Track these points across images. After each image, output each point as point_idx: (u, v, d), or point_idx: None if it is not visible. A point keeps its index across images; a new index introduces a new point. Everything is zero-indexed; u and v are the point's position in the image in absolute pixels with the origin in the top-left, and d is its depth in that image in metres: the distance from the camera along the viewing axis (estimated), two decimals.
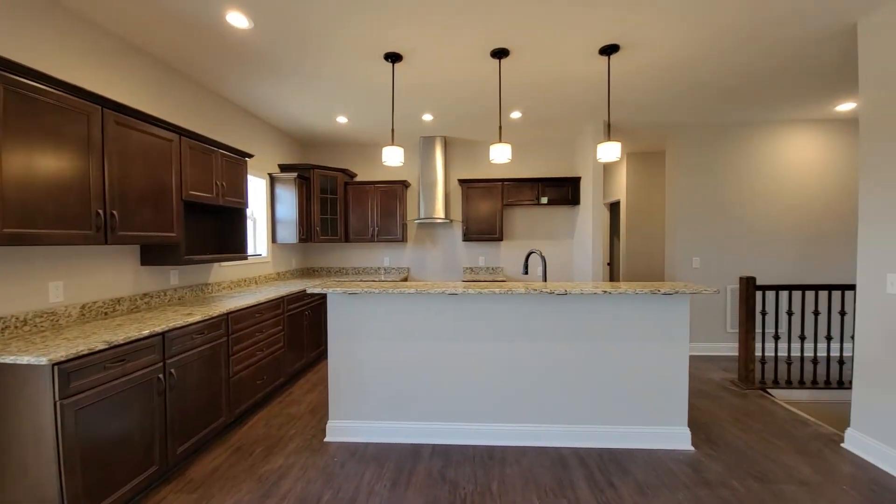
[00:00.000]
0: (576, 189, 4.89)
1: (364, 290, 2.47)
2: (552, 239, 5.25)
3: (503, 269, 5.29)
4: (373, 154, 5.37)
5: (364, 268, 5.39)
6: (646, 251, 5.95)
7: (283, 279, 4.67)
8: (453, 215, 5.33)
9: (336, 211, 4.97)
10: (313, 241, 4.73)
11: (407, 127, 4.61)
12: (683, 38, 2.65)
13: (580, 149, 4.89)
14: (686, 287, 2.42)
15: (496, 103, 3.86)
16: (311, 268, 5.42)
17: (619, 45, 2.74)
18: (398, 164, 2.93)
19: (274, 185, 4.51)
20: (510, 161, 5.29)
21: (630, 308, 2.52)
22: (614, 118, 4.31)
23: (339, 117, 4.26)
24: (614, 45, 2.72)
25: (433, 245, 5.35)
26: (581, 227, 4.86)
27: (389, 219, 5.03)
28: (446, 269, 5.33)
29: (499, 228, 4.95)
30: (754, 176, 4.53)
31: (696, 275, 4.57)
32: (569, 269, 5.23)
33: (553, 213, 5.24)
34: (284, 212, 4.50)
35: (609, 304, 2.53)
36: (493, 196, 4.95)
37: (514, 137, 5.09)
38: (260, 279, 4.24)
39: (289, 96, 3.66)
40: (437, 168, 5.00)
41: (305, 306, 3.94)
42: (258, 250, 4.41)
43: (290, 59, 2.93)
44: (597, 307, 2.53)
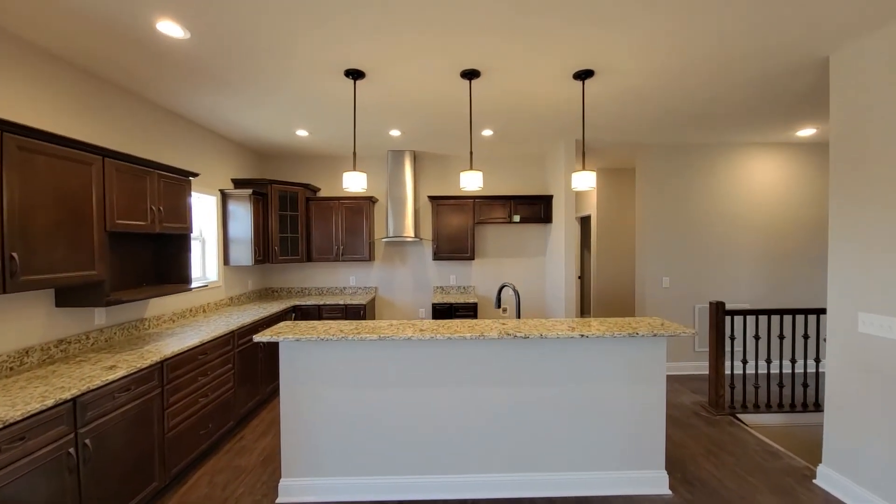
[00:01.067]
0: (548, 207, 4.80)
1: (320, 338, 2.21)
2: (525, 256, 5.14)
3: (475, 287, 5.13)
4: (338, 167, 5.07)
5: (328, 288, 5.08)
6: (616, 264, 5.96)
7: (238, 304, 4.30)
8: (423, 233, 5.12)
9: (297, 229, 4.65)
10: (272, 261, 4.39)
11: (373, 140, 4.36)
12: (656, 67, 2.57)
13: (552, 166, 4.81)
14: (664, 328, 2.32)
15: (467, 122, 3.69)
16: (271, 288, 5.05)
17: (594, 71, 2.62)
18: (360, 190, 2.69)
19: (226, 202, 4.13)
20: (483, 178, 5.15)
21: (605, 349, 2.40)
22: (586, 137, 4.24)
23: (300, 131, 3.95)
24: (589, 71, 2.61)
25: (402, 263, 5.11)
26: (554, 246, 4.77)
27: (355, 236, 4.75)
28: (416, 287, 5.11)
29: (470, 247, 4.78)
30: (721, 196, 4.59)
31: (666, 294, 4.58)
32: (541, 286, 5.14)
33: (525, 231, 5.13)
34: (238, 231, 4.14)
35: (584, 345, 2.39)
36: (465, 213, 4.78)
37: (486, 153, 4.94)
38: (210, 307, 3.86)
39: (243, 109, 3.33)
40: (407, 183, 4.77)
41: None
42: (208, 274, 4.02)
43: (239, 73, 2.63)
44: (571, 348, 2.39)
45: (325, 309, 4.46)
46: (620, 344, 2.39)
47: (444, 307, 4.48)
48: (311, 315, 4.46)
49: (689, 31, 2.14)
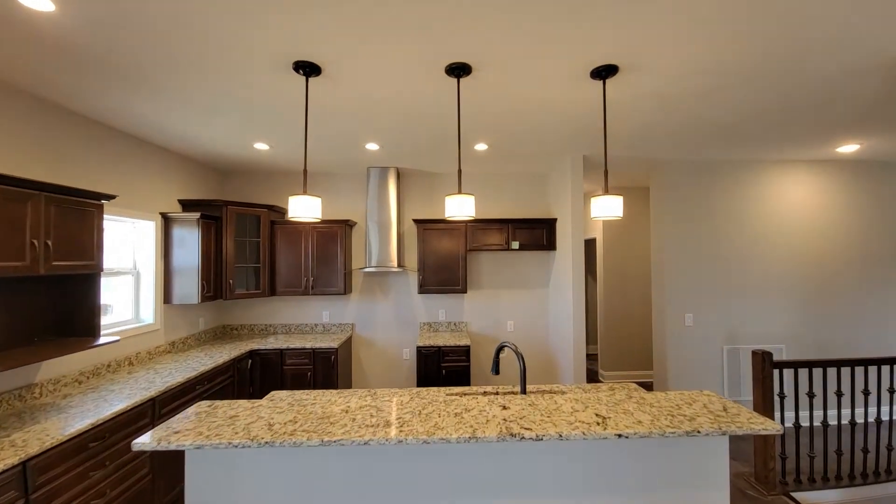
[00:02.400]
0: (551, 232, 4.18)
1: (232, 443, 1.50)
2: (525, 288, 4.48)
3: (468, 324, 4.45)
4: (311, 186, 4.43)
5: (297, 325, 4.37)
6: (624, 293, 5.33)
7: (181, 351, 3.57)
8: (408, 261, 4.46)
9: (259, 258, 3.96)
10: (224, 297, 3.68)
11: (349, 155, 3.74)
12: (690, 64, 1.99)
13: (556, 186, 4.21)
14: (733, 420, 1.65)
15: (456, 133, 3.08)
16: (229, 327, 4.33)
17: (618, 67, 2.03)
18: (313, 219, 2.04)
19: (170, 227, 3.45)
20: (475, 200, 4.53)
21: (647, 449, 1.72)
22: (593, 152, 3.65)
23: (258, 143, 3.32)
24: (612, 67, 2.01)
25: (384, 297, 4.43)
26: (558, 277, 4.13)
27: (328, 266, 4.07)
28: (400, 324, 4.42)
29: (462, 278, 4.12)
30: (751, 220, 4.00)
31: (690, 334, 3.94)
32: (543, 322, 4.47)
33: (525, 259, 4.50)
34: (184, 262, 3.45)
35: (619, 446, 1.72)
36: (456, 239, 4.13)
37: (479, 171, 4.34)
38: (140, 358, 3.13)
39: (174, 115, 2.69)
40: (390, 205, 4.13)
41: (200, 395, 2.88)
42: (143, 315, 3.31)
43: (148, 64, 2.00)
44: (599, 451, 1.71)
45: (288, 354, 3.74)
46: (670, 445, 1.72)
47: (430, 351, 3.78)
48: (272, 363, 3.73)
49: (749, 12, 1.55)
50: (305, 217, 1.97)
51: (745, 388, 3.93)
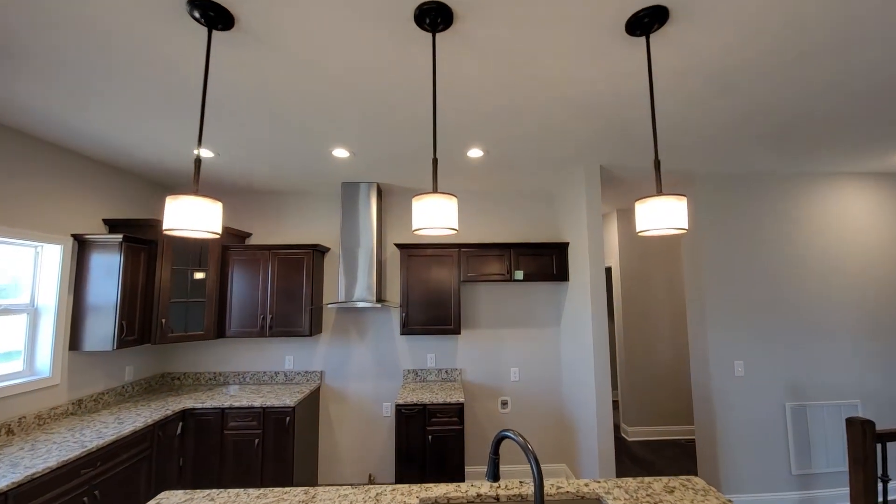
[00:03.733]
0: (562, 259, 3.46)
1: None
2: (531, 327, 3.71)
3: (461, 372, 3.64)
4: (277, 205, 3.77)
5: (254, 373, 3.57)
6: (647, 332, 4.53)
7: (92, 412, 2.77)
8: (390, 295, 3.72)
9: (203, 291, 3.23)
10: (154, 341, 2.92)
11: (316, 166, 3.09)
12: (766, 13, 1.34)
13: (567, 205, 3.53)
14: None
15: (442, 132, 2.43)
16: (170, 375, 3.53)
17: (668, 12, 1.38)
18: (207, 234, 1.33)
19: (86, 253, 2.75)
20: (470, 221, 3.87)
21: None
22: (612, 161, 3.00)
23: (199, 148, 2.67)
24: (660, 10, 1.37)
25: (360, 338, 3.65)
26: (573, 313, 3.37)
27: (292, 302, 3.33)
28: (380, 372, 3.61)
29: (454, 316, 3.36)
30: (811, 248, 3.28)
31: (741, 386, 3.12)
32: (555, 370, 3.66)
33: (532, 292, 3.75)
34: (103, 296, 2.72)
35: None
36: (447, 268, 3.41)
37: (476, 188, 3.68)
38: (26, 424, 2.34)
39: (57, 101, 2.06)
40: (368, 227, 3.45)
41: (89, 482, 2.07)
42: (39, 366, 2.55)
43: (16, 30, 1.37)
44: None
45: (231, 415, 2.93)
46: None
47: (413, 411, 2.97)
48: (210, 428, 2.92)
49: None
50: (191, 231, 1.27)
51: (817, 457, 3.06)
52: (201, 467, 2.88)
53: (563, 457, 3.57)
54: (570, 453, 3.44)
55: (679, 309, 4.59)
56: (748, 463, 3.06)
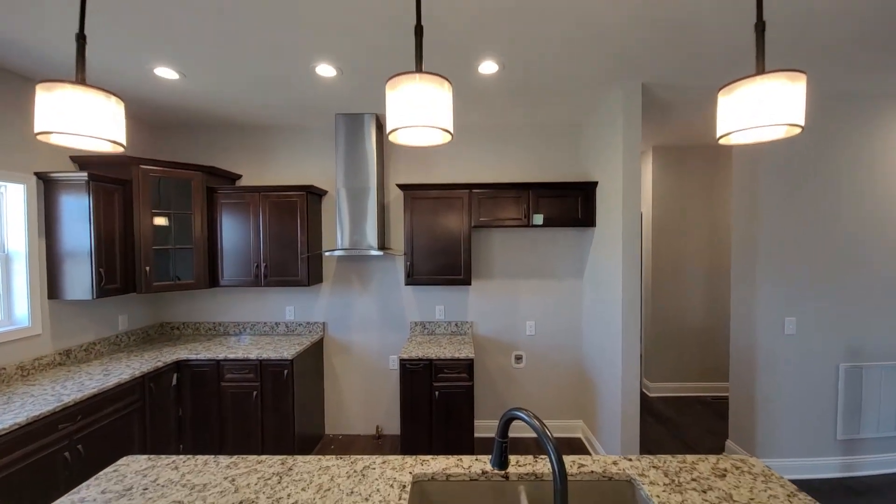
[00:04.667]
0: (588, 201, 3.01)
1: None
2: (550, 278, 3.35)
3: (472, 325, 3.37)
4: (267, 143, 3.38)
5: (253, 324, 3.40)
6: (680, 285, 4.13)
7: (82, 362, 2.64)
8: (394, 242, 3.39)
9: (190, 236, 2.97)
10: (140, 290, 2.72)
11: (304, 92, 2.65)
12: None
13: (597, 138, 3.01)
14: None
15: (448, 39, 1.93)
16: (169, 325, 3.39)
17: None
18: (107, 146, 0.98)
19: (54, 194, 2.48)
20: (483, 159, 3.40)
21: None
22: (654, 77, 2.45)
23: (161, 68, 2.27)
24: None
25: (363, 288, 3.39)
26: (599, 264, 2.98)
27: (286, 250, 3.05)
28: (385, 324, 3.39)
29: (464, 265, 3.03)
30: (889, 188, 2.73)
31: (791, 346, 2.75)
32: (575, 325, 3.35)
33: (552, 239, 3.35)
34: (75, 242, 2.49)
35: None
36: (456, 212, 3.03)
37: (490, 121, 3.17)
38: (6, 375, 2.20)
39: None
40: (367, 166, 3.05)
41: (70, 437, 1.93)
42: (17, 315, 2.38)
43: None
44: None
45: (227, 367, 2.78)
46: None
47: (418, 367, 2.74)
48: (207, 379, 2.78)
49: None
50: (77, 136, 0.91)
51: (867, 422, 2.74)
52: (201, 420, 2.78)
53: (581, 413, 3.36)
54: (588, 411, 3.22)
55: (718, 262, 4.13)
56: (789, 426, 2.76)
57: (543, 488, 1.29)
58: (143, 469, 1.35)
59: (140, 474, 1.31)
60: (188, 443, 2.78)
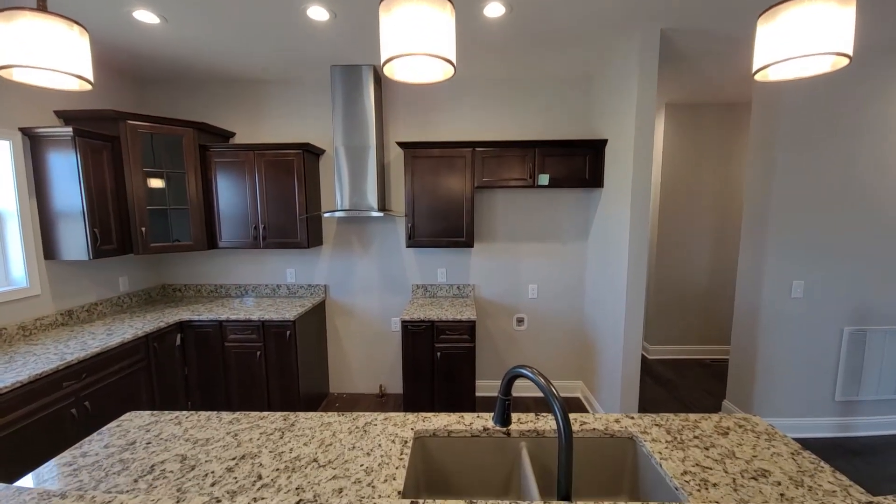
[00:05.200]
0: (597, 160, 2.89)
1: None
2: (554, 241, 3.29)
3: (474, 288, 3.35)
4: (260, 98, 3.21)
5: (255, 286, 3.39)
6: (685, 247, 4.07)
7: (84, 322, 2.65)
8: (395, 203, 3.30)
9: (185, 195, 2.89)
10: (137, 251, 2.68)
11: (296, 38, 2.47)
12: None
13: (609, 91, 2.84)
14: None
15: None
16: (171, 287, 3.39)
17: None
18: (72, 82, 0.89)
19: (41, 150, 2.38)
20: (486, 115, 3.24)
21: None
22: (675, 21, 2.26)
23: (140, 11, 2.10)
24: None
25: (364, 250, 3.34)
26: (605, 226, 2.91)
27: (284, 211, 2.98)
28: (386, 286, 3.37)
29: (467, 227, 2.96)
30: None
31: (797, 309, 2.72)
32: (578, 288, 3.32)
33: (557, 200, 3.25)
34: (66, 201, 2.42)
35: None
36: (458, 172, 2.92)
37: (493, 74, 2.98)
38: (6, 335, 2.21)
39: None
40: (367, 124, 2.91)
41: (77, 394, 1.96)
42: (14, 275, 2.36)
43: None
44: None
45: (230, 328, 2.79)
46: None
47: (420, 328, 2.74)
48: (210, 340, 2.79)
49: None
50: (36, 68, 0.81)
51: (867, 384, 2.76)
52: (207, 378, 2.82)
53: (580, 374, 3.41)
54: (587, 372, 3.26)
55: (726, 225, 4.04)
56: (787, 387, 2.79)
57: (545, 445, 1.29)
58: (146, 424, 1.36)
59: (143, 429, 1.32)
60: (196, 401, 2.84)
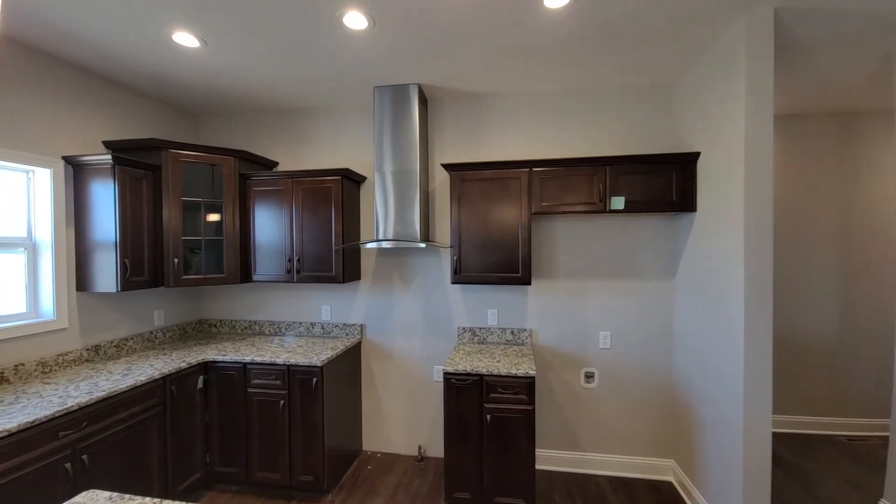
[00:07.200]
0: (687, 178, 2.34)
1: None
2: (631, 277, 2.70)
3: (531, 333, 2.82)
4: (302, 126, 3.10)
5: (288, 324, 3.13)
6: (796, 287, 3.24)
7: (110, 359, 2.50)
8: (440, 234, 2.94)
9: (221, 227, 2.75)
10: (168, 284, 2.53)
11: (337, 60, 2.29)
12: None
13: (700, 94, 2.33)
14: None
15: None
16: (207, 322, 3.24)
17: None
18: None
19: (84, 179, 2.35)
20: (546, 131, 2.84)
21: None
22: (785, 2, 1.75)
23: (179, 33, 2.02)
24: None
25: (405, 287, 2.98)
26: (703, 258, 2.30)
27: (319, 242, 2.73)
28: (429, 328, 2.95)
29: (522, 262, 2.49)
30: None
31: None
32: (663, 335, 2.66)
33: (634, 227, 2.70)
34: (102, 230, 2.34)
35: None
36: (511, 196, 2.50)
37: (553, 83, 2.61)
38: (24, 371, 2.07)
39: None
40: (409, 145, 2.63)
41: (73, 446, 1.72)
42: (43, 307, 2.26)
43: None
44: None
45: (254, 371, 2.49)
46: None
47: (466, 382, 2.25)
48: (234, 383, 2.52)
49: None
50: None
51: None
52: (228, 429, 2.52)
53: (672, 451, 2.67)
54: (682, 449, 2.53)
55: (856, 261, 3.19)
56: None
57: None
58: None
59: None
60: (215, 454, 2.53)
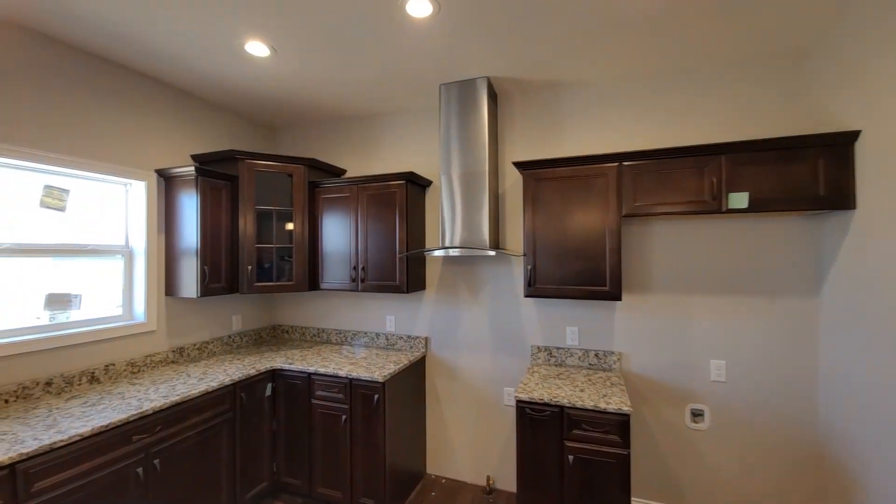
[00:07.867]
0: (838, 167, 1.79)
1: None
2: (752, 294, 2.16)
3: (621, 358, 2.39)
4: (369, 133, 3.05)
5: (353, 333, 3.06)
6: None
7: (192, 361, 2.61)
8: (511, 240, 2.66)
9: (291, 235, 2.77)
10: (242, 291, 2.59)
11: (401, 56, 2.17)
12: None
13: (853, 53, 1.79)
14: None
15: None
16: (281, 328, 3.31)
17: None
18: None
19: (173, 190, 2.50)
20: (640, 117, 2.43)
21: None
22: None
23: (252, 43, 2.04)
24: None
25: (472, 298, 2.74)
26: (864, 271, 1.74)
27: (383, 249, 2.62)
28: (499, 345, 2.67)
29: (610, 273, 2.11)
30: None
31: None
32: (804, 368, 2.08)
33: (757, 230, 2.17)
34: (186, 238, 2.46)
35: None
36: (596, 196, 2.15)
37: (651, 60, 2.21)
38: (115, 371, 2.21)
39: None
40: (480, 146, 2.42)
41: (143, 452, 1.75)
42: (136, 310, 2.43)
43: None
44: None
45: (318, 383, 2.43)
46: None
47: (543, 415, 1.93)
48: (298, 393, 2.48)
49: None
50: None
51: None
52: (293, 439, 2.49)
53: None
54: None
55: None
56: None
57: None
58: None
59: None
60: (281, 463, 2.51)
